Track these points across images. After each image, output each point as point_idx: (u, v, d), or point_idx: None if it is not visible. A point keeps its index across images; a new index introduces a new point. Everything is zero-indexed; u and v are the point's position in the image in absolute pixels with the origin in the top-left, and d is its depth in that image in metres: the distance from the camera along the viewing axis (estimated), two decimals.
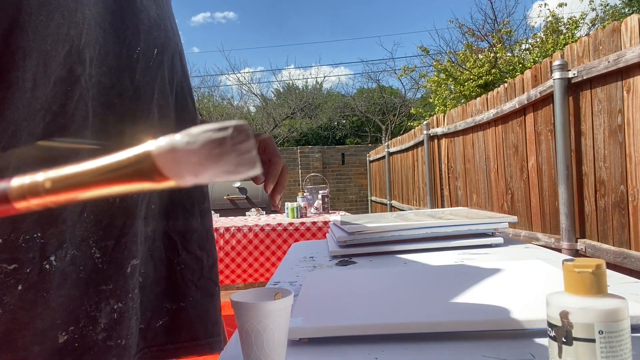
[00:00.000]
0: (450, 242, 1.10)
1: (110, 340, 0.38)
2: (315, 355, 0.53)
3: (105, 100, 0.40)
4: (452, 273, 0.81)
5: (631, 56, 1.38)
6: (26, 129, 0.34)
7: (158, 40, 0.45)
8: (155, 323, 0.44)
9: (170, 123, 0.46)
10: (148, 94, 0.43)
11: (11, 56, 0.33)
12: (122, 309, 0.39)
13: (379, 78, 15.56)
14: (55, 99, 0.36)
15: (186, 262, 0.47)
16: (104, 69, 0.40)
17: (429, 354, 0.51)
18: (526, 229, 2.13)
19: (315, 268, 1.00)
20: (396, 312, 0.60)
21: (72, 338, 0.36)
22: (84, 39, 0.38)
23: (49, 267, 0.35)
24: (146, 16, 0.44)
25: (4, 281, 0.33)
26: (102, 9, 0.40)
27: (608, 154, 1.55)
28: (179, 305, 0.45)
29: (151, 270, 0.44)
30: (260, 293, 0.53)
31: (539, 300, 0.58)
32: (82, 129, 0.37)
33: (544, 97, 1.90)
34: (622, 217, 1.49)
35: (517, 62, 6.95)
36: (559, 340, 0.38)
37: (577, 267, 0.38)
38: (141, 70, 0.43)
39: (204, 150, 0.19)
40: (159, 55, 0.44)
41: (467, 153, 2.88)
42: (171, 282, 0.45)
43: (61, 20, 0.36)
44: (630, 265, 1.41)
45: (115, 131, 0.40)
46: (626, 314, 0.36)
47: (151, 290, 0.44)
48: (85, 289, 0.37)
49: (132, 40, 0.42)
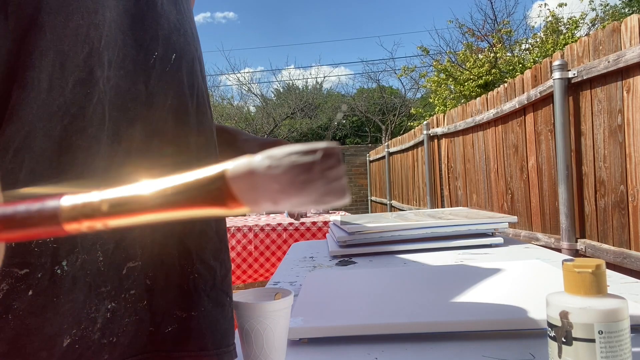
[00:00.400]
0: (450, 242, 1.10)
1: (104, 338, 0.39)
2: (315, 355, 0.53)
3: (121, 104, 0.40)
4: (451, 273, 0.81)
5: (631, 56, 1.38)
6: (42, 130, 0.34)
7: (177, 45, 0.44)
8: (164, 329, 0.43)
9: (189, 129, 0.45)
10: (161, 100, 0.43)
11: (28, 56, 0.33)
12: (115, 308, 0.40)
13: (379, 78, 15.58)
14: (75, 101, 0.36)
15: (200, 271, 0.46)
16: (121, 72, 0.39)
17: (428, 354, 0.51)
18: (526, 229, 2.13)
19: (315, 268, 1.00)
20: (396, 312, 0.60)
21: (74, 341, 0.36)
22: (103, 41, 0.38)
23: (60, 272, 0.35)
24: (166, 21, 0.44)
25: (15, 286, 0.33)
26: (122, 12, 0.40)
27: (608, 154, 1.55)
28: (190, 314, 0.44)
29: (162, 276, 0.43)
30: (260, 293, 0.53)
31: (538, 300, 0.58)
32: (99, 132, 0.37)
33: (544, 97, 1.90)
34: (622, 217, 1.49)
35: (517, 62, 6.95)
36: (559, 340, 0.38)
37: (577, 267, 0.38)
38: (157, 75, 0.42)
39: (288, 175, 0.17)
40: (177, 61, 0.44)
41: (467, 153, 2.88)
42: (183, 290, 0.44)
43: (80, 21, 0.36)
44: (630, 265, 1.41)
45: (126, 136, 0.40)
46: (626, 314, 0.36)
47: (161, 295, 0.43)
48: (89, 292, 0.38)
49: (151, 45, 0.42)
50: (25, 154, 0.33)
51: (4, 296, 0.33)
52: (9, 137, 0.33)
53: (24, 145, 0.33)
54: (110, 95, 0.38)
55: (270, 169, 0.17)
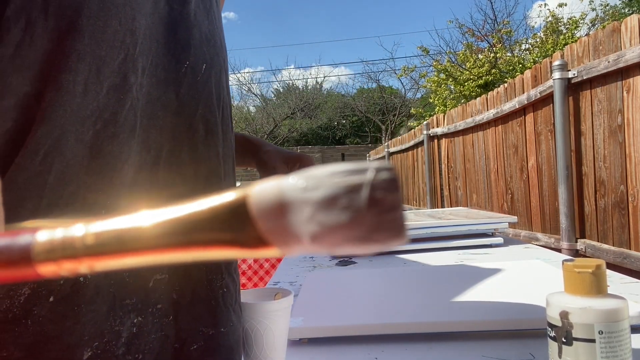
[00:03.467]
0: (450, 242, 1.10)
1: (129, 355, 0.37)
2: (315, 355, 0.53)
3: (151, 112, 0.39)
4: (451, 273, 0.81)
5: (631, 56, 1.38)
6: (73, 135, 0.34)
7: (207, 56, 0.44)
8: (189, 346, 0.42)
9: (218, 141, 0.45)
10: (191, 110, 0.42)
11: (64, 58, 0.33)
12: (141, 322, 0.38)
13: (379, 78, 15.59)
14: (108, 106, 0.36)
15: (228, 285, 0.45)
16: (153, 79, 0.40)
17: (428, 354, 0.51)
18: (526, 229, 2.13)
19: (315, 268, 1.00)
20: (396, 313, 0.60)
21: (95, 354, 0.35)
22: (138, 48, 0.38)
23: (83, 280, 0.35)
24: (198, 31, 0.44)
25: (36, 291, 0.32)
26: (157, 20, 0.40)
27: (608, 154, 1.55)
28: (219, 331, 0.43)
29: (189, 291, 0.42)
30: (260, 293, 0.53)
31: (538, 300, 0.58)
32: (130, 139, 0.37)
33: (544, 97, 1.90)
34: (622, 217, 1.49)
35: (517, 62, 6.95)
36: (559, 340, 0.38)
37: (577, 268, 0.38)
38: (187, 85, 0.42)
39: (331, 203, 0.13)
40: (206, 71, 0.44)
41: (467, 153, 2.88)
42: (210, 305, 0.43)
43: (117, 27, 0.36)
44: (630, 265, 1.41)
45: (155, 144, 0.39)
46: (626, 314, 0.36)
47: (188, 311, 0.42)
48: (113, 303, 0.37)
49: (182, 54, 0.42)
50: (55, 157, 0.33)
51: (25, 300, 0.32)
52: (39, 139, 0.32)
53: (55, 148, 0.33)
54: (142, 102, 0.38)
55: (306, 192, 0.13)
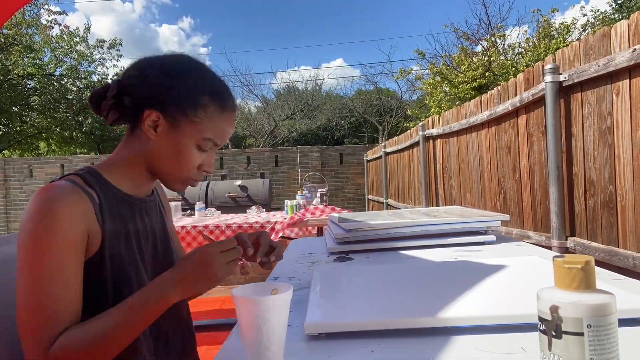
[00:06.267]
0: (444, 239, 1.12)
1: None
2: (314, 348, 0.54)
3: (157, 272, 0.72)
4: (446, 269, 0.82)
5: (620, 60, 1.41)
6: None
7: None
8: None
9: None
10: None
11: None
12: None
13: (376, 80, 15.61)
14: None
15: None
16: None
17: (423, 348, 0.52)
18: (518, 227, 2.16)
19: (313, 264, 1.01)
20: (393, 308, 0.61)
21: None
22: None
23: None
24: None
25: None
26: None
27: (597, 155, 1.58)
28: None
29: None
30: (260, 287, 0.54)
31: (530, 295, 0.60)
32: None
33: (536, 99, 1.93)
34: (611, 216, 1.52)
35: (510, 65, 7.02)
36: (549, 333, 0.39)
37: (567, 263, 0.39)
38: None
39: None
40: None
41: (461, 153, 2.91)
42: None
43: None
44: (618, 262, 1.44)
45: None
46: (614, 308, 0.37)
47: None
48: None
49: None
50: None
51: None
52: None
53: None
54: None
55: None
